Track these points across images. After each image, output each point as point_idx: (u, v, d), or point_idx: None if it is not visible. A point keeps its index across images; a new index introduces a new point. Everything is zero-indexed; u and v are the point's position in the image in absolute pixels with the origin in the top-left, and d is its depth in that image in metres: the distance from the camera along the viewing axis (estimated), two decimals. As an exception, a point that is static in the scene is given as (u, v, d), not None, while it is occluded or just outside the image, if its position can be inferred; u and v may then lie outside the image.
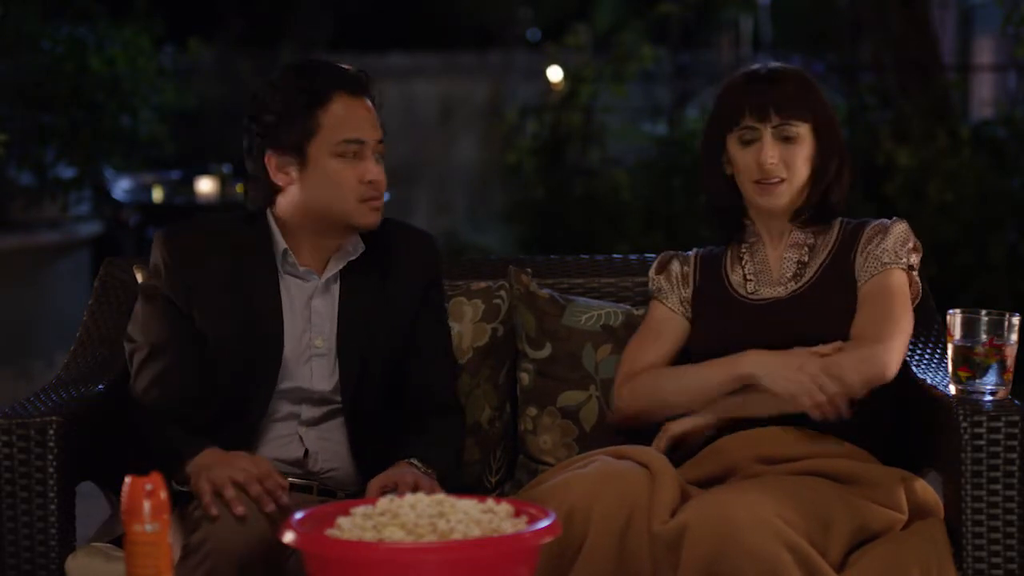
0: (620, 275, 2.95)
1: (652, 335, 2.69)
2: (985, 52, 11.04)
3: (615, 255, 3.03)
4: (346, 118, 2.53)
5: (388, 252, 2.64)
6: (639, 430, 2.63)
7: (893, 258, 2.57)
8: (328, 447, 2.59)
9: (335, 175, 2.52)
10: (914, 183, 6.78)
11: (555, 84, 10.05)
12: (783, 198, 2.61)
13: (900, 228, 2.61)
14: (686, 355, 2.68)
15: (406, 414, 2.64)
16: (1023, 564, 2.36)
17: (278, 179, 2.54)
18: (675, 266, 2.74)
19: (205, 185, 10.00)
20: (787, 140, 2.59)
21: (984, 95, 10.02)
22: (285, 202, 2.57)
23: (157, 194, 10.01)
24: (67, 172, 7.16)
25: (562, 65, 9.78)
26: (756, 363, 2.48)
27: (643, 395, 2.60)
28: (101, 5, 7.25)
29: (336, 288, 2.61)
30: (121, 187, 9.44)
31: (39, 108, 6.91)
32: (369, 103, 2.58)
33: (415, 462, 2.51)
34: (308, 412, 2.58)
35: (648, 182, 8.72)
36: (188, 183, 10.14)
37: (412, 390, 2.65)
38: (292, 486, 2.53)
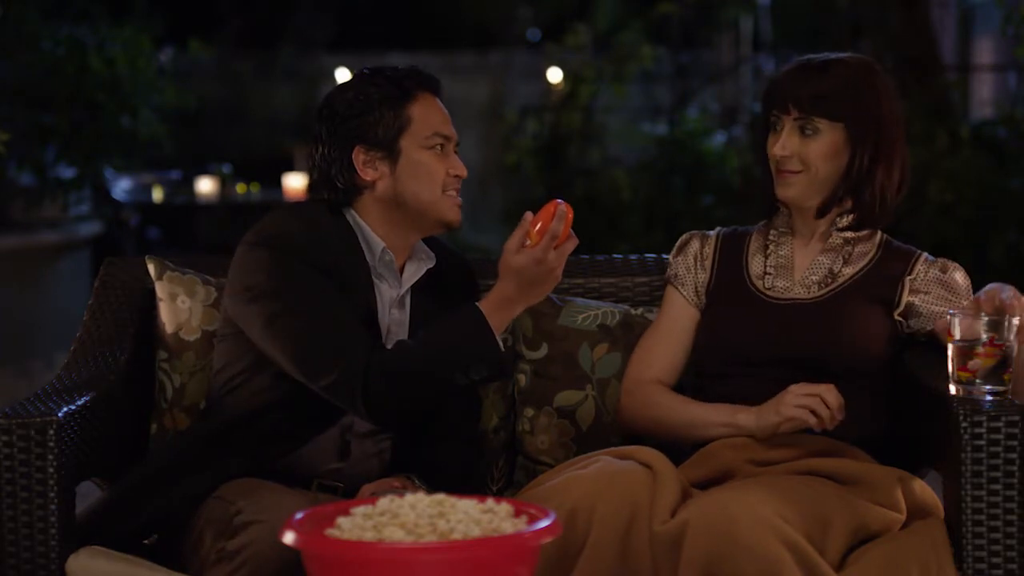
0: (620, 275, 2.94)
1: (664, 334, 2.69)
2: (985, 52, 11.03)
3: (615, 255, 3.02)
4: (433, 113, 2.57)
5: (442, 277, 2.64)
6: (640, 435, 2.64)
7: None
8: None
9: (426, 166, 2.55)
10: (914, 183, 6.77)
11: (555, 84, 10.04)
12: (794, 189, 2.59)
13: (963, 275, 2.63)
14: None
15: (428, 439, 2.63)
16: (1023, 564, 2.36)
17: (366, 174, 2.55)
18: (694, 246, 2.72)
19: (205, 185, 10.02)
20: (805, 134, 2.58)
21: (984, 95, 10.01)
22: (372, 198, 2.57)
23: (157, 194, 10.03)
24: (67, 172, 7.16)
25: (562, 65, 9.77)
26: (754, 427, 2.49)
27: (650, 418, 2.62)
28: (101, 5, 7.25)
29: (408, 301, 2.61)
30: (121, 187, 9.45)
31: (39, 108, 6.91)
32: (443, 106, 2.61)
33: (414, 478, 2.52)
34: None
35: (648, 182, 8.70)
36: (188, 183, 10.16)
37: (439, 418, 2.63)
38: (320, 487, 2.53)
